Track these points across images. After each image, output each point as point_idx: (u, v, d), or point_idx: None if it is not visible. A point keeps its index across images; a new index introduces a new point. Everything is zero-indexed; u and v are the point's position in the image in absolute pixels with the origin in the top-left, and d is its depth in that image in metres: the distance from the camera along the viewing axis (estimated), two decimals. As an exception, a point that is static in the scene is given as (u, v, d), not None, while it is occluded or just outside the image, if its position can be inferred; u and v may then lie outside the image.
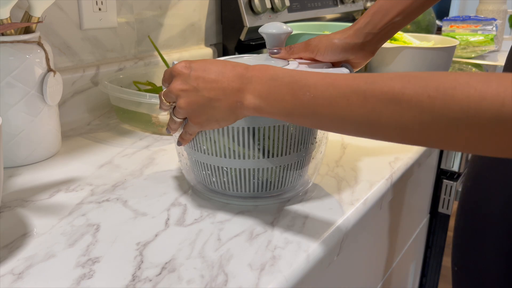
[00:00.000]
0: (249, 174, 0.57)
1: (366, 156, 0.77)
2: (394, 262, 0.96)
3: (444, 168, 1.02)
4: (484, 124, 0.35)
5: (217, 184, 0.59)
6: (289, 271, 0.47)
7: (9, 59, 0.65)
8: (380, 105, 0.40)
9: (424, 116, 0.37)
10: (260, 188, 0.59)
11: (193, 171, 0.62)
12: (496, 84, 0.34)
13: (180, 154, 0.63)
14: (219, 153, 0.56)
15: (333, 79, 0.43)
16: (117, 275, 0.46)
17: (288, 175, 0.59)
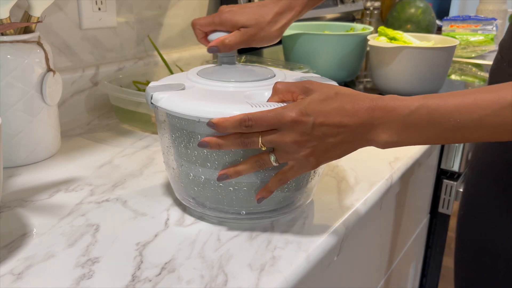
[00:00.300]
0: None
1: (366, 156, 0.77)
2: (394, 262, 0.96)
3: (444, 168, 1.02)
4: None
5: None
6: (289, 271, 0.47)
7: (8, 59, 0.65)
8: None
9: None
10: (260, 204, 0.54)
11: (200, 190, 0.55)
12: None
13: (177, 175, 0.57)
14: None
15: (474, 98, 0.43)
16: (116, 275, 0.45)
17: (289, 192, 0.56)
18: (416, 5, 1.71)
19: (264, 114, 0.46)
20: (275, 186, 0.51)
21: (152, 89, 0.54)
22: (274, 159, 0.48)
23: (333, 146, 0.47)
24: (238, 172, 0.50)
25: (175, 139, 0.54)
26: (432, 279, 1.15)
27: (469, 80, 1.40)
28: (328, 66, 1.16)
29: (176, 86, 0.55)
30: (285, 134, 0.46)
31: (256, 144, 0.47)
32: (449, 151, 1.00)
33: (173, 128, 0.54)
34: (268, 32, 0.62)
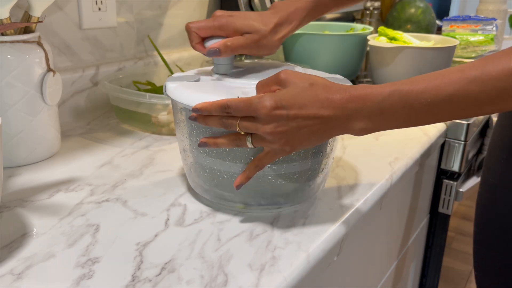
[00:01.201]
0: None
1: (366, 156, 0.77)
2: (394, 262, 0.96)
3: (444, 168, 1.02)
4: None
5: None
6: (289, 271, 0.47)
7: (8, 59, 0.65)
8: (500, 82, 0.44)
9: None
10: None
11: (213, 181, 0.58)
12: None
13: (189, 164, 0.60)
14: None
15: (441, 78, 0.46)
16: (116, 275, 0.45)
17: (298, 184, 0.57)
18: (416, 5, 1.71)
19: (241, 102, 0.49)
20: (252, 171, 0.53)
21: (171, 78, 0.59)
22: (250, 142, 0.51)
23: (308, 135, 0.49)
24: (217, 144, 0.52)
25: (182, 128, 0.58)
26: (432, 279, 1.15)
27: (469, 80, 1.39)
28: (328, 66, 1.16)
29: (191, 77, 0.59)
30: (260, 123, 0.48)
31: (234, 127, 0.50)
32: (449, 151, 1.00)
33: (177, 115, 0.58)
34: (270, 41, 0.62)
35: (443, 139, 0.97)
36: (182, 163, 0.62)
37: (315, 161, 0.56)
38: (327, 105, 0.47)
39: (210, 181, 0.57)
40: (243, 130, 0.50)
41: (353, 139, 0.84)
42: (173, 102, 0.58)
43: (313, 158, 0.56)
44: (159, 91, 0.91)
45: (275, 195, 0.57)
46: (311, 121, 0.48)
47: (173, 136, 0.83)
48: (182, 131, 0.58)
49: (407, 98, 0.46)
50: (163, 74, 1.01)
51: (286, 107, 0.47)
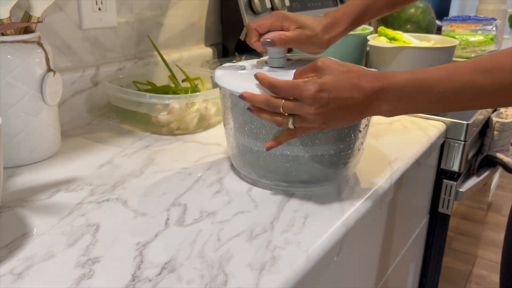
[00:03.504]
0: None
1: (366, 156, 0.77)
2: (394, 262, 0.96)
3: (444, 168, 1.02)
4: None
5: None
6: (289, 271, 0.47)
7: (8, 59, 0.65)
8: (510, 75, 0.47)
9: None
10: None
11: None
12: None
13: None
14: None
15: (454, 69, 0.50)
16: (117, 275, 0.45)
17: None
18: (416, 5, 1.71)
19: (287, 84, 0.54)
20: (284, 138, 0.58)
21: (220, 67, 0.66)
22: (291, 123, 0.55)
23: (343, 115, 0.54)
24: (260, 114, 0.57)
25: (227, 113, 0.64)
26: (432, 279, 1.15)
27: (469, 80, 1.39)
28: (328, 66, 1.15)
29: (238, 67, 0.66)
30: (304, 105, 0.53)
31: (279, 108, 0.55)
32: (449, 151, 1.00)
33: (225, 100, 0.64)
34: (320, 39, 0.67)
35: (443, 139, 0.97)
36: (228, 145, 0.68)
37: (346, 144, 0.61)
38: (359, 90, 0.52)
39: (253, 162, 0.63)
40: (286, 111, 0.55)
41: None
42: (222, 88, 0.63)
43: (345, 141, 0.61)
44: (159, 91, 0.91)
45: (312, 175, 0.62)
46: (346, 102, 0.53)
47: (173, 136, 0.84)
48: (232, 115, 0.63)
49: (421, 87, 0.51)
50: (163, 74, 1.01)
51: (327, 90, 0.52)
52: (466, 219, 1.37)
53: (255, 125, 0.60)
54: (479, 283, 1.85)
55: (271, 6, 1.22)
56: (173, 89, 0.92)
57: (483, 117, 1.08)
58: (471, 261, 1.74)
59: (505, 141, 1.12)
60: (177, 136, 0.84)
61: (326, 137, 0.59)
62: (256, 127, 0.60)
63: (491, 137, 1.11)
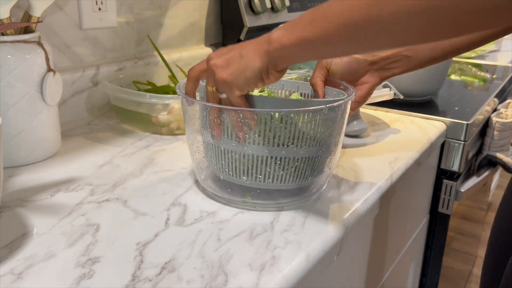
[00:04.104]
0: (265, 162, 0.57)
1: (366, 156, 0.77)
2: (394, 262, 0.96)
3: (444, 168, 1.02)
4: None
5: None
6: (289, 271, 0.47)
7: (9, 59, 0.65)
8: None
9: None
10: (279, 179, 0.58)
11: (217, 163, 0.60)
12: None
13: (195, 148, 0.62)
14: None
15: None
16: (117, 275, 0.45)
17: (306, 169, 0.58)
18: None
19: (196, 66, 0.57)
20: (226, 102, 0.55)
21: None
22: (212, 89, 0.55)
23: (238, 55, 0.53)
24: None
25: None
26: (432, 279, 1.15)
27: (469, 80, 1.40)
28: (328, 66, 1.15)
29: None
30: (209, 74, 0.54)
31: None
32: (448, 151, 1.00)
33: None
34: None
35: (443, 139, 0.97)
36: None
37: (318, 152, 0.58)
38: (248, 42, 0.53)
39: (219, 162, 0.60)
40: (211, 84, 0.55)
41: (353, 139, 0.84)
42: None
43: (315, 148, 0.57)
44: (159, 91, 0.91)
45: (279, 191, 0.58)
46: (239, 50, 0.53)
47: (173, 136, 0.84)
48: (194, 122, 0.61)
49: (313, 12, 0.49)
50: (163, 74, 1.01)
51: (215, 55, 0.54)
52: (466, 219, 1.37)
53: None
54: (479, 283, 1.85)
55: (271, 6, 1.22)
56: (173, 89, 0.92)
57: (483, 117, 1.08)
58: (471, 261, 1.74)
59: (505, 141, 1.12)
60: (177, 136, 0.84)
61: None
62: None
63: (491, 137, 1.11)
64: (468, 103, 1.12)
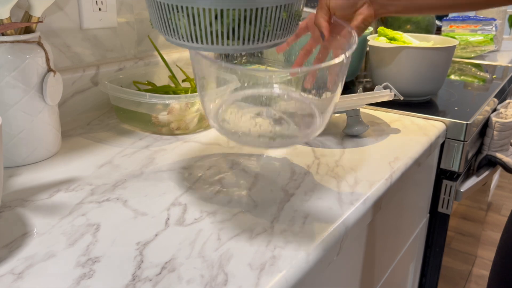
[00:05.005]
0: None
1: (366, 156, 0.77)
2: (394, 261, 0.96)
3: (444, 168, 1.02)
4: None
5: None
6: (289, 271, 0.47)
7: (9, 59, 0.65)
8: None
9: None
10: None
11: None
12: None
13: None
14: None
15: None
16: (117, 274, 0.46)
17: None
18: (416, 5, 1.71)
19: None
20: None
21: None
22: None
23: None
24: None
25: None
26: (432, 278, 1.15)
27: (468, 80, 1.40)
28: (328, 66, 1.16)
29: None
30: None
31: None
32: (448, 151, 1.00)
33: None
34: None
35: (443, 139, 0.97)
36: None
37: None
38: None
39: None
40: None
41: (353, 140, 0.84)
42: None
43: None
44: (160, 91, 0.91)
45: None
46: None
47: (173, 136, 0.84)
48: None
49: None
50: (163, 74, 1.01)
51: None
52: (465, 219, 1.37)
53: None
54: (478, 283, 1.85)
55: (271, 6, 1.22)
56: (173, 89, 0.92)
57: (482, 117, 1.08)
58: (470, 261, 1.74)
59: (505, 141, 1.13)
60: (177, 136, 0.84)
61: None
62: None
63: (491, 137, 1.12)
64: (468, 103, 1.12)
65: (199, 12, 0.47)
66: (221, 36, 0.48)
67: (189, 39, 0.49)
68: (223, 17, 0.47)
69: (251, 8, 0.47)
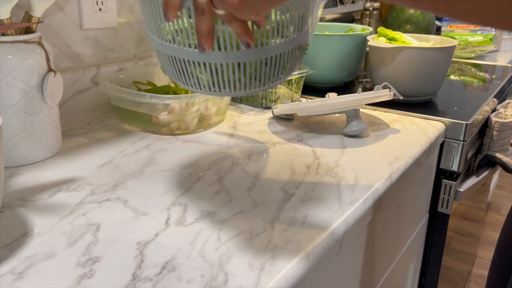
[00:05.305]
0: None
1: (366, 156, 0.77)
2: (394, 261, 0.96)
3: (444, 168, 1.02)
4: None
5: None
6: (289, 270, 0.47)
7: (9, 59, 0.66)
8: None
9: None
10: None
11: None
12: None
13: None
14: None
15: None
16: (117, 274, 0.46)
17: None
18: (416, 6, 1.72)
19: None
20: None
21: None
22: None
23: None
24: (204, 32, 0.43)
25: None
26: (432, 278, 1.15)
27: (468, 80, 1.40)
28: (327, 66, 1.16)
29: None
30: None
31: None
32: (448, 151, 1.00)
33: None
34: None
35: (443, 139, 0.98)
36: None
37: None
38: None
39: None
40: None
41: (352, 140, 0.84)
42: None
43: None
44: (160, 91, 0.91)
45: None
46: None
47: (173, 136, 0.84)
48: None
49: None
50: (164, 74, 1.01)
51: None
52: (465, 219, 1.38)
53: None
54: (478, 283, 1.85)
55: (271, 6, 1.22)
56: (174, 89, 0.92)
57: (482, 117, 1.08)
58: (470, 261, 1.74)
59: (504, 141, 1.13)
60: (177, 136, 0.84)
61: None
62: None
63: (491, 137, 1.12)
64: (467, 103, 1.12)
65: (222, 67, 0.48)
66: (243, 83, 0.50)
67: (210, 88, 0.50)
68: (246, 68, 0.48)
69: (271, 56, 0.48)
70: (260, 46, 0.47)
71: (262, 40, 0.47)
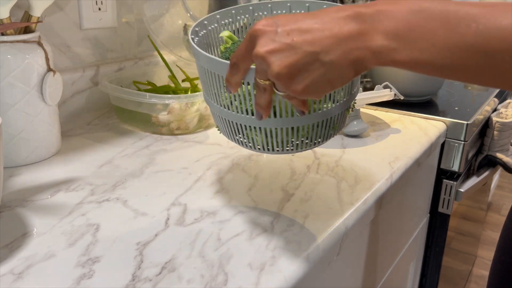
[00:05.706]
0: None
1: (366, 156, 0.77)
2: (394, 261, 0.96)
3: (444, 168, 1.02)
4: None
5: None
6: (289, 270, 0.47)
7: (9, 59, 0.65)
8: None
9: None
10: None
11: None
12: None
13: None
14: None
15: (498, 2, 0.33)
16: (117, 274, 0.46)
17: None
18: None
19: (240, 45, 0.42)
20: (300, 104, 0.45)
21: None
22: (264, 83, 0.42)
23: (311, 56, 0.38)
24: (264, 108, 0.45)
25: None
26: (432, 278, 1.15)
27: (469, 80, 1.40)
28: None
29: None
30: (255, 46, 0.40)
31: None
32: (448, 151, 1.00)
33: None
34: None
35: (443, 139, 0.97)
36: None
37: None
38: (333, 16, 0.37)
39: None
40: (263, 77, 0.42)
41: (353, 139, 0.84)
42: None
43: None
44: (160, 91, 0.91)
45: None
46: (310, 35, 0.37)
47: (173, 136, 0.84)
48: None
49: (449, 16, 0.33)
50: (163, 74, 1.01)
51: (279, 24, 0.39)
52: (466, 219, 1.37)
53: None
54: (478, 283, 1.85)
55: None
56: (173, 89, 0.92)
57: (483, 117, 1.08)
58: (470, 261, 1.74)
59: (505, 141, 1.12)
60: (177, 136, 0.84)
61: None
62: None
63: (491, 137, 1.12)
64: (468, 103, 1.12)
65: (276, 131, 0.50)
66: (295, 144, 0.52)
67: (264, 148, 0.53)
68: (299, 131, 0.51)
69: (322, 119, 0.50)
70: (313, 111, 0.49)
71: (315, 106, 0.49)
